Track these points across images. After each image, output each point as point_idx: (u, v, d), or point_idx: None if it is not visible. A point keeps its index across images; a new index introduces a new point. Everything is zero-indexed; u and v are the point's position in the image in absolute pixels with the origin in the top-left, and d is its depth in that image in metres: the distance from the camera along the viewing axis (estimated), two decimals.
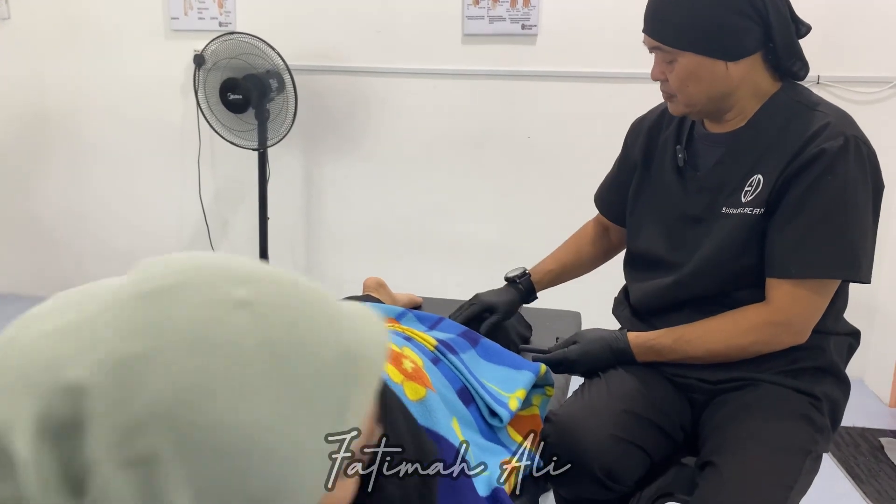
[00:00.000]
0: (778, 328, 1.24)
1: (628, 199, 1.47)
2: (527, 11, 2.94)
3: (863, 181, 1.20)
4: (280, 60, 2.83)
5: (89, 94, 3.42)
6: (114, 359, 0.45)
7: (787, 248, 1.21)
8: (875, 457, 2.34)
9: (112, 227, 3.54)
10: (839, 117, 1.23)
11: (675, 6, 1.22)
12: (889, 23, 2.70)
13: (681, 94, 1.26)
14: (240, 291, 0.48)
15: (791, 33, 1.25)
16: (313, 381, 0.48)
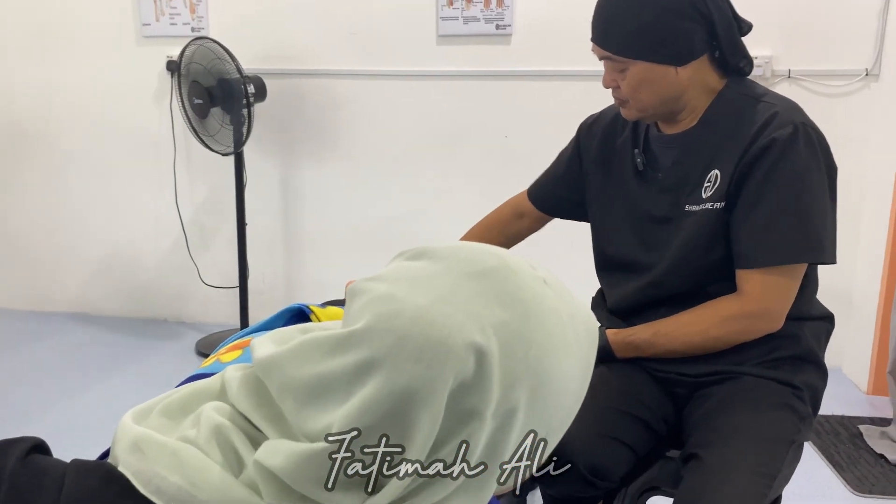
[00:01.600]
0: (752, 317, 1.26)
1: (591, 204, 1.48)
2: (500, 11, 2.95)
3: (816, 165, 1.24)
4: (233, 66, 2.79)
5: (61, 101, 3.37)
6: (495, 324, 0.53)
7: (751, 239, 1.24)
8: (854, 444, 2.38)
9: (88, 237, 3.50)
10: (786, 106, 1.27)
11: (622, 16, 1.24)
12: (857, 15, 2.74)
13: (633, 101, 1.29)
14: (537, 272, 0.58)
15: (735, 33, 1.28)
16: (584, 342, 0.59)
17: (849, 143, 2.82)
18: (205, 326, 3.39)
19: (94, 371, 2.95)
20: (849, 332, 2.92)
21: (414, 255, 0.60)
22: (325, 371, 0.52)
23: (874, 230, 2.77)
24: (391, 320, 0.52)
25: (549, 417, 0.56)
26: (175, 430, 0.57)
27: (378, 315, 0.53)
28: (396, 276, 0.57)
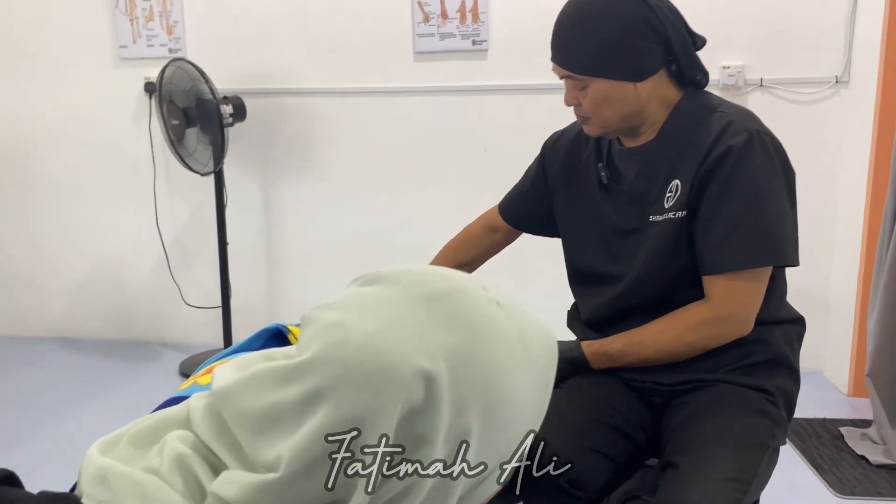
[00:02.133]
0: (721, 321, 1.29)
1: (560, 218, 1.51)
2: (476, 27, 2.98)
3: (772, 170, 1.27)
4: (206, 87, 2.80)
5: (39, 124, 3.37)
6: (444, 349, 0.53)
7: (714, 246, 1.27)
8: (836, 446, 2.41)
9: (70, 260, 3.48)
10: (740, 115, 1.31)
11: (581, 37, 1.28)
12: (826, 24, 2.80)
13: (595, 118, 1.33)
14: (489, 293, 0.58)
15: (690, 47, 1.32)
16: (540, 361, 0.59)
17: (822, 148, 2.87)
18: (188, 347, 3.37)
19: (77, 395, 2.93)
20: (828, 334, 2.95)
21: (367, 280, 0.60)
22: (275, 402, 0.53)
23: (849, 234, 2.81)
24: (338, 349, 0.52)
25: (505, 440, 0.56)
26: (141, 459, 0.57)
27: (325, 344, 0.53)
28: (347, 303, 0.57)
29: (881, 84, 2.61)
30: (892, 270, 2.26)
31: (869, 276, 2.66)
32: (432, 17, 2.99)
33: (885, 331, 2.30)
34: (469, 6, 2.96)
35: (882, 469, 2.25)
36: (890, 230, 2.29)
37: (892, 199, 2.29)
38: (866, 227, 2.70)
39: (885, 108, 2.60)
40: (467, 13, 2.97)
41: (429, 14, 2.99)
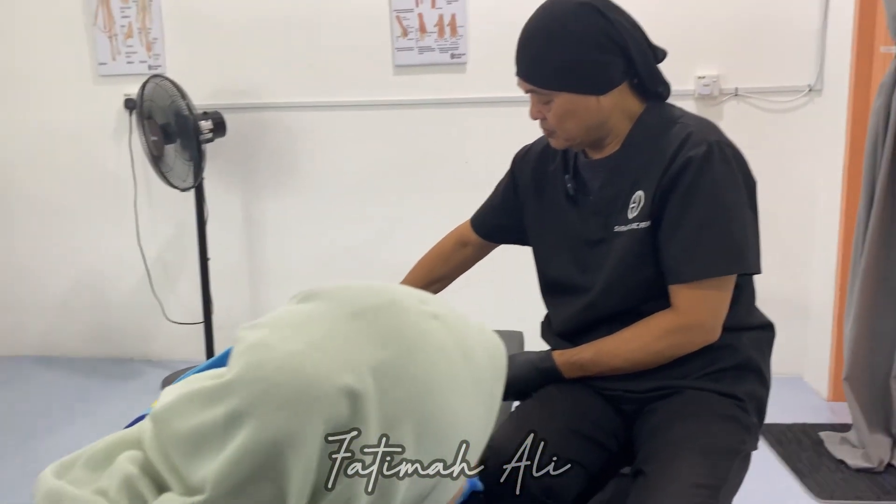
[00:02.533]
0: (688, 330, 1.31)
1: (529, 230, 1.53)
2: (455, 41, 3.00)
3: (732, 180, 1.29)
4: (184, 103, 2.81)
5: (18, 142, 3.36)
6: (371, 365, 0.52)
7: (677, 256, 1.29)
8: (816, 451, 2.42)
9: (51, 278, 3.46)
10: (700, 126, 1.33)
11: (543, 51, 1.30)
12: (798, 34, 2.84)
13: (560, 131, 1.35)
14: (427, 306, 0.58)
15: (651, 61, 1.35)
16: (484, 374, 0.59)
17: (797, 156, 2.90)
18: (171, 364, 3.36)
19: (60, 414, 2.91)
20: (807, 339, 2.98)
21: (302, 297, 0.60)
22: (201, 423, 0.53)
23: (826, 240, 2.85)
24: (259, 369, 0.52)
25: (440, 455, 0.55)
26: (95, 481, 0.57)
27: (248, 364, 0.53)
28: (277, 321, 0.56)
29: (852, 91, 2.65)
30: (866, 276, 2.29)
31: (846, 281, 2.69)
32: (411, 31, 3.01)
33: (861, 335, 2.32)
34: (447, 20, 2.99)
35: (861, 472, 2.27)
36: (863, 236, 2.32)
37: (864, 205, 2.33)
38: (842, 232, 2.73)
39: (857, 115, 2.64)
40: (445, 27, 2.99)
41: (407, 28, 3.01)
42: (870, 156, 2.29)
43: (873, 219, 2.26)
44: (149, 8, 3.15)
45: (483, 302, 2.88)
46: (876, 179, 2.27)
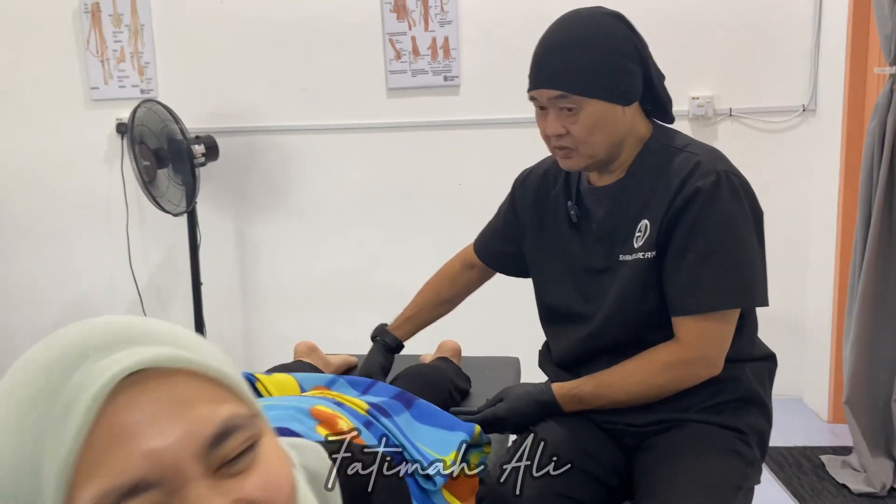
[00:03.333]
0: (691, 363, 1.28)
1: (529, 256, 1.50)
2: (448, 63, 3.00)
3: (740, 211, 1.26)
4: (176, 127, 2.80)
5: (9, 167, 3.33)
6: None
7: (682, 287, 1.26)
8: (817, 475, 2.39)
9: (42, 304, 3.42)
10: (708, 155, 1.30)
11: (574, 54, 1.25)
12: (791, 54, 2.84)
13: (584, 146, 1.29)
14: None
15: (662, 79, 1.34)
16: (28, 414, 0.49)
17: (792, 176, 2.90)
18: None
19: None
20: (806, 360, 2.96)
21: None
22: None
23: (822, 260, 2.83)
24: None
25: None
26: None
27: None
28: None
29: (846, 112, 2.65)
30: (864, 298, 2.27)
31: (843, 301, 2.67)
32: (404, 53, 3.01)
33: (861, 358, 2.30)
34: (440, 42, 2.99)
35: (863, 497, 2.24)
36: (861, 257, 2.30)
37: (861, 226, 2.31)
38: (838, 253, 2.72)
39: (851, 136, 2.64)
40: (438, 49, 2.99)
41: (400, 51, 3.01)
42: (866, 177, 2.28)
43: (870, 240, 2.24)
44: (141, 32, 3.14)
45: (480, 327, 2.85)
46: (872, 200, 2.25)
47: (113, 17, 3.14)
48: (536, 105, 1.33)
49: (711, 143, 1.48)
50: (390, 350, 1.70)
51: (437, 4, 2.96)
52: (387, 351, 1.69)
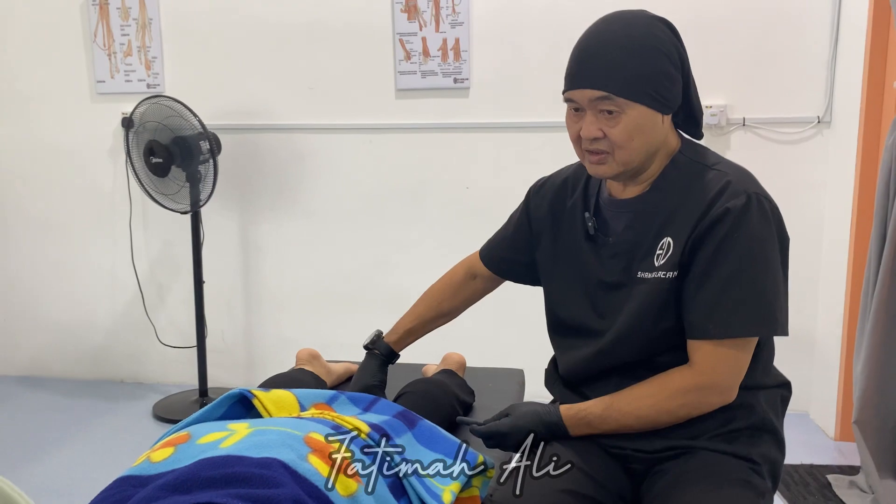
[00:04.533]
0: (704, 390, 1.23)
1: (541, 266, 1.46)
2: (458, 65, 2.96)
3: (769, 236, 1.22)
4: (197, 122, 2.78)
5: (14, 159, 3.31)
6: None
7: (703, 310, 1.22)
8: (823, 495, 2.35)
9: (43, 297, 3.40)
10: (739, 175, 1.25)
11: (621, 56, 1.20)
12: (807, 65, 2.80)
13: (622, 151, 1.23)
14: None
15: (697, 90, 1.29)
16: None
17: (805, 188, 2.85)
18: (163, 388, 3.30)
19: (50, 436, 2.84)
20: (813, 376, 2.92)
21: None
22: None
23: (833, 275, 2.79)
24: None
25: None
26: None
27: None
28: None
29: (862, 124, 2.60)
30: (878, 316, 2.22)
31: (854, 316, 2.63)
32: (414, 54, 2.97)
33: (872, 378, 2.26)
34: (451, 44, 2.95)
35: None
36: (875, 274, 2.26)
37: (876, 242, 2.27)
38: (850, 268, 2.67)
39: (867, 149, 2.59)
40: (449, 51, 2.95)
41: (410, 52, 2.97)
42: (882, 194, 2.23)
43: (885, 258, 2.20)
44: (149, 26, 3.11)
45: (484, 338, 2.82)
46: (888, 217, 2.21)
47: (121, 10, 3.11)
48: (571, 106, 1.27)
49: (724, 153, 1.44)
50: (386, 362, 1.66)
51: (449, 5, 2.92)
52: (383, 364, 1.65)
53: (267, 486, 0.90)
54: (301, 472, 0.94)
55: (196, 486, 0.89)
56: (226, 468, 0.92)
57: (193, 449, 0.98)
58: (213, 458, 0.94)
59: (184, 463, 0.95)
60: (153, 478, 0.93)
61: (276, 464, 0.93)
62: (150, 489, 0.90)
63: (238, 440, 0.99)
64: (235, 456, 0.94)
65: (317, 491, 0.94)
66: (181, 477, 0.91)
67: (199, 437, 1.02)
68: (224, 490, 0.89)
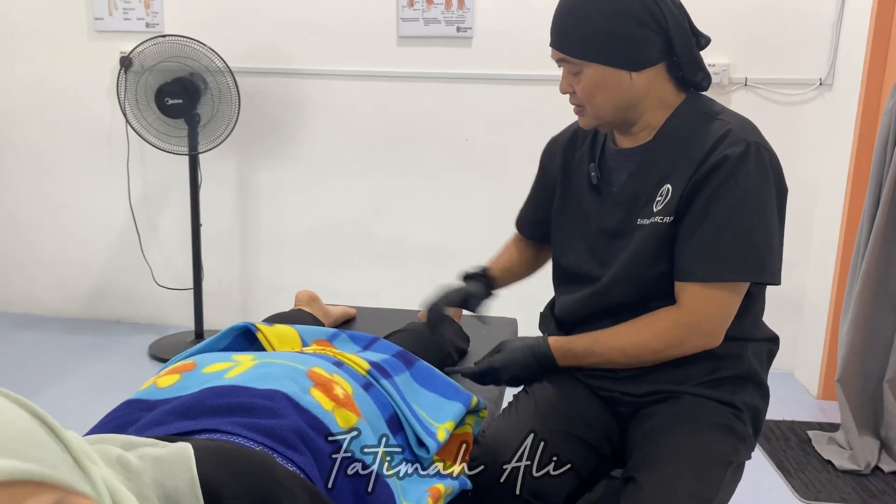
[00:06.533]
0: (687, 329, 1.26)
1: (552, 217, 1.49)
2: (462, 14, 2.93)
3: (766, 185, 1.24)
4: (222, 63, 2.77)
5: (10, 95, 3.28)
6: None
7: (693, 253, 1.24)
8: (803, 450, 2.42)
9: (37, 235, 3.41)
10: (740, 125, 1.27)
11: (578, 19, 1.25)
12: (812, 26, 2.78)
13: (589, 106, 1.30)
14: None
15: (692, 45, 1.29)
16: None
17: (802, 150, 2.86)
18: (158, 328, 3.33)
19: (44, 374, 2.87)
20: (800, 336, 2.97)
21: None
22: None
23: (825, 237, 2.82)
24: None
25: None
26: None
27: None
28: None
29: (864, 88, 2.60)
30: (866, 279, 2.26)
31: (843, 279, 2.67)
32: (417, 1, 2.94)
33: (857, 338, 2.31)
34: None
35: (847, 475, 2.27)
36: (866, 237, 2.29)
37: (870, 206, 2.29)
38: (843, 231, 2.70)
39: (867, 113, 2.60)
40: None
41: None
42: (878, 157, 2.25)
43: (877, 221, 2.23)
44: None
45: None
46: (883, 182, 2.23)
47: None
48: None
49: None
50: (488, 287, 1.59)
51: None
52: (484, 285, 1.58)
53: (270, 416, 0.92)
54: (304, 405, 0.97)
55: (201, 413, 0.92)
56: (231, 397, 0.94)
57: (199, 377, 1.01)
58: (219, 387, 0.97)
59: (189, 390, 0.98)
60: (160, 402, 0.96)
61: (279, 395, 0.96)
62: (156, 413, 0.93)
63: (243, 371, 1.02)
64: (240, 386, 0.97)
65: (318, 423, 0.97)
66: (187, 403, 0.93)
67: (204, 367, 1.04)
68: (229, 419, 0.91)
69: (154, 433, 0.87)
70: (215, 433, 0.88)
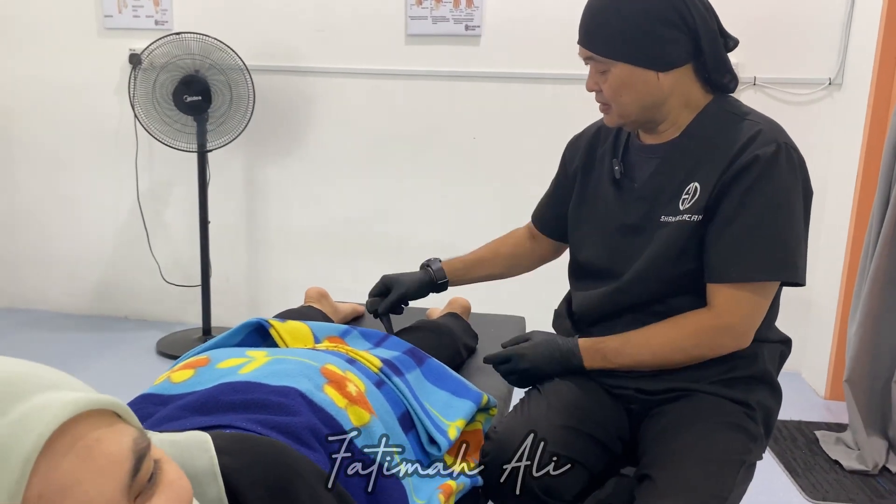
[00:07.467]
0: (721, 331, 1.26)
1: (569, 212, 1.49)
2: (470, 12, 2.93)
3: (795, 186, 1.24)
4: (239, 60, 2.78)
5: (20, 93, 3.29)
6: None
7: (725, 253, 1.24)
8: (811, 450, 2.42)
9: (47, 232, 3.42)
10: (770, 125, 1.28)
11: (606, 18, 1.25)
12: (822, 26, 2.78)
13: (614, 104, 1.30)
14: None
15: (720, 46, 1.29)
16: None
17: (811, 150, 2.84)
18: (166, 325, 3.34)
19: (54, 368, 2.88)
20: (808, 336, 2.96)
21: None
22: None
23: (834, 237, 2.81)
24: None
25: None
26: None
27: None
28: None
29: (874, 89, 2.60)
30: (875, 279, 2.26)
31: (852, 280, 2.66)
32: None
33: (865, 339, 2.30)
34: None
35: (855, 475, 2.26)
36: (875, 238, 2.28)
37: (879, 206, 2.29)
38: (851, 231, 2.70)
39: (877, 114, 2.59)
40: None
41: None
42: (888, 158, 2.24)
43: (887, 223, 2.22)
44: None
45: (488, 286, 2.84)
46: (893, 182, 2.22)
47: None
48: None
49: None
50: (431, 283, 1.61)
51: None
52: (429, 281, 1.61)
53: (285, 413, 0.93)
54: (317, 402, 0.97)
55: (216, 408, 0.92)
56: (245, 394, 0.95)
57: (213, 373, 1.01)
58: (233, 382, 0.97)
59: (204, 386, 0.98)
60: (174, 397, 0.96)
61: (293, 392, 0.96)
62: (170, 408, 0.94)
63: (257, 367, 1.02)
64: (255, 382, 0.97)
65: (332, 420, 0.97)
66: (201, 399, 0.94)
67: (218, 362, 1.05)
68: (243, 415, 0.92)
69: (170, 428, 0.88)
70: (230, 429, 0.88)
